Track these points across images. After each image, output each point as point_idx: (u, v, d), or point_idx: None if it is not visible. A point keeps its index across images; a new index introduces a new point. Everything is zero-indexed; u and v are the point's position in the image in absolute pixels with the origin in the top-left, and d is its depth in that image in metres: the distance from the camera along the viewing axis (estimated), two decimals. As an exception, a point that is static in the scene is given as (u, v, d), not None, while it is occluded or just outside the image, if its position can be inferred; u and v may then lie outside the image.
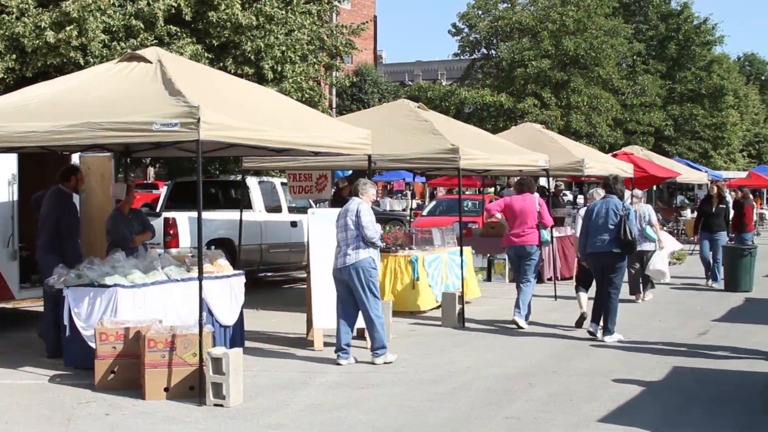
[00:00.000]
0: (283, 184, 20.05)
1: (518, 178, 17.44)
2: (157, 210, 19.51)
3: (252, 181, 19.50)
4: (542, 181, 23.84)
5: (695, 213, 25.12)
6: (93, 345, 10.32)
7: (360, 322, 12.15)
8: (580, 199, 34.56)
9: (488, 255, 21.55)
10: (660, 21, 54.98)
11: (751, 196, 23.84)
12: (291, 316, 15.38)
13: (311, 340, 12.89)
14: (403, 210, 43.28)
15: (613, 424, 8.93)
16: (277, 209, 20.04)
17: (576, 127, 41.34)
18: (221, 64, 20.61)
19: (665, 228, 24.65)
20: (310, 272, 13.13)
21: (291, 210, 20.38)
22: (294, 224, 20.11)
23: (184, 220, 17.31)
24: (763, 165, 60.56)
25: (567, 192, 29.24)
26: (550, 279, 19.71)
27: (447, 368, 11.55)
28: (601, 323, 13.74)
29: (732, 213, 23.10)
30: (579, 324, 14.68)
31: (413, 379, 10.87)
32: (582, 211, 15.40)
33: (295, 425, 8.87)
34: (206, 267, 11.31)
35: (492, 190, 35.70)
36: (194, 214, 10.58)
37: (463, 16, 45.31)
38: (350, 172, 24.10)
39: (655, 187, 35.06)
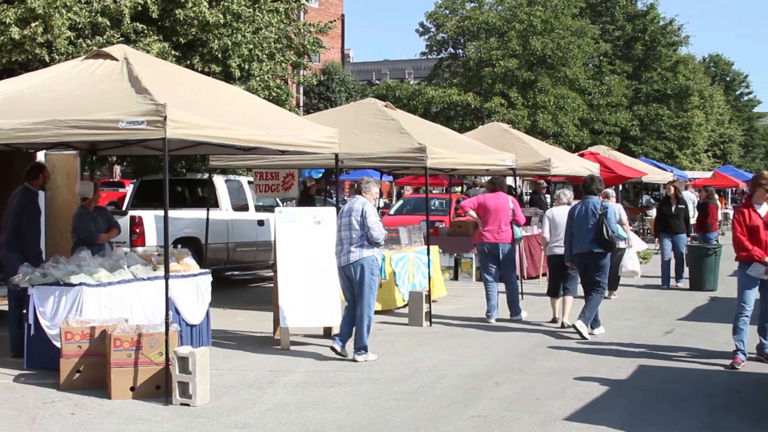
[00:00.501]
0: (249, 182, 19.99)
1: (490, 177, 17.68)
2: (124, 208, 19.40)
3: (219, 180, 19.44)
4: (509, 181, 23.90)
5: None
6: (58, 344, 10.26)
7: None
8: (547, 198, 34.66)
9: (455, 254, 21.59)
10: (626, 22, 55.26)
11: (716, 196, 23.89)
12: (258, 315, 15.36)
13: (278, 339, 12.88)
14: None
15: (579, 422, 8.97)
16: (244, 208, 19.98)
17: (543, 126, 41.49)
18: (188, 62, 20.51)
19: (632, 228, 24.79)
20: (277, 271, 13.10)
21: (258, 209, 20.33)
22: (261, 223, 20.06)
23: (150, 218, 17.22)
24: (728, 165, 61.11)
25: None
26: (517, 277, 19.74)
27: (414, 367, 11.56)
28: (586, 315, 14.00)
29: (695, 213, 23.28)
30: (553, 320, 15.23)
31: (380, 378, 10.88)
32: (549, 212, 15.56)
33: (261, 424, 8.86)
34: (172, 266, 11.28)
35: (459, 189, 35.78)
36: (161, 212, 10.56)
37: (430, 16, 45.35)
38: (319, 171, 24.10)
39: (621, 187, 35.24)
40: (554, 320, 15.19)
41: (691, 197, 29.29)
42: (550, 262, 15.37)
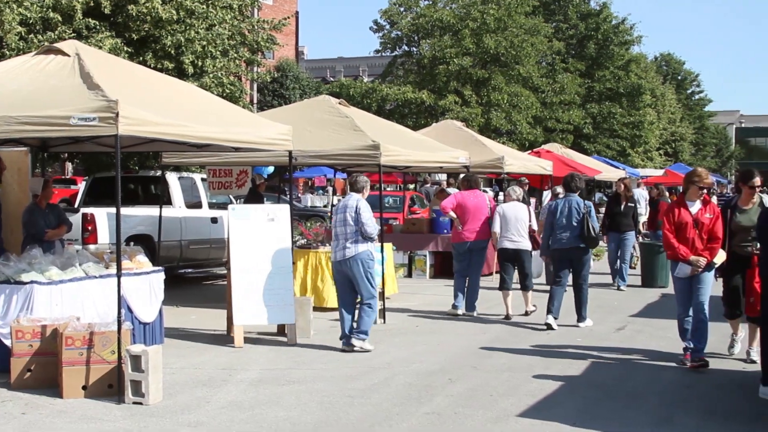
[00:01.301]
0: (203, 179, 19.89)
1: (463, 175, 17.97)
2: (76, 206, 19.25)
3: (171, 177, 19.32)
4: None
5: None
6: (8, 343, 10.17)
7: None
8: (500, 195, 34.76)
9: (409, 251, 21.63)
10: (579, 20, 55.60)
11: (666, 194, 24.01)
12: (211, 313, 15.31)
13: (232, 337, 12.83)
14: (325, 206, 43.12)
15: (532, 418, 9.02)
16: (197, 205, 19.88)
17: (496, 124, 41.65)
18: (141, 58, 20.40)
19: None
20: (231, 268, 13.07)
21: (211, 206, 20.24)
22: (214, 220, 19.97)
23: (102, 216, 17.09)
24: (679, 163, 61.60)
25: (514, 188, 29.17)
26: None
27: (367, 364, 11.57)
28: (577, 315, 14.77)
29: (647, 211, 23.36)
30: (506, 317, 15.47)
31: (334, 376, 10.87)
32: (500, 208, 15.75)
33: (215, 423, 8.82)
34: (125, 263, 11.21)
35: (413, 186, 35.79)
36: (113, 210, 10.47)
37: (384, 13, 45.35)
38: (271, 168, 24.02)
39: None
40: (507, 317, 15.40)
41: (643, 195, 29.45)
42: (501, 256, 15.71)
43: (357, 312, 12.69)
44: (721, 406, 9.69)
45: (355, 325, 12.55)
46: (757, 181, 11.48)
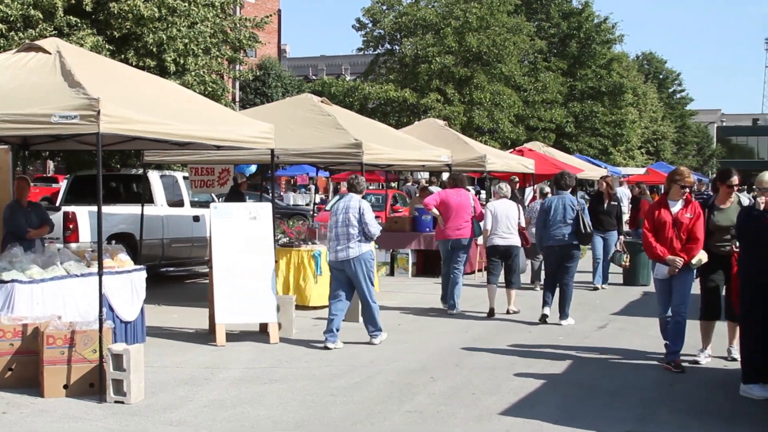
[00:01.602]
0: (185, 178, 19.85)
1: (450, 173, 18.08)
2: (57, 204, 19.18)
3: (153, 175, 19.26)
4: (445, 177, 23.96)
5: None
6: (-11, 341, 10.13)
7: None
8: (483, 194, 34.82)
9: (391, 250, 21.63)
10: (561, 19, 55.65)
11: (648, 192, 24.07)
12: (193, 312, 15.29)
13: (214, 336, 12.80)
14: (307, 204, 43.14)
15: (514, 416, 9.04)
16: (179, 203, 19.83)
17: (479, 122, 41.63)
18: (123, 56, 20.34)
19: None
20: (213, 267, 13.05)
21: (193, 204, 20.19)
22: (196, 219, 19.93)
23: (84, 214, 17.04)
24: (661, 162, 61.85)
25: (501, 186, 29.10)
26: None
27: (350, 362, 11.57)
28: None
29: (629, 209, 23.33)
30: (491, 315, 15.58)
31: (316, 374, 10.87)
32: (491, 205, 15.99)
33: (197, 421, 8.81)
34: (106, 262, 11.18)
35: (395, 184, 35.81)
36: (94, 208, 10.43)
37: (367, 11, 45.30)
38: (253, 166, 23.99)
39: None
40: (491, 312, 15.57)
41: (626, 193, 29.50)
42: (490, 253, 15.85)
43: (361, 310, 13.06)
44: (702, 403, 9.73)
45: (366, 324, 12.96)
46: (735, 180, 11.41)
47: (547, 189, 20.94)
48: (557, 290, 14.91)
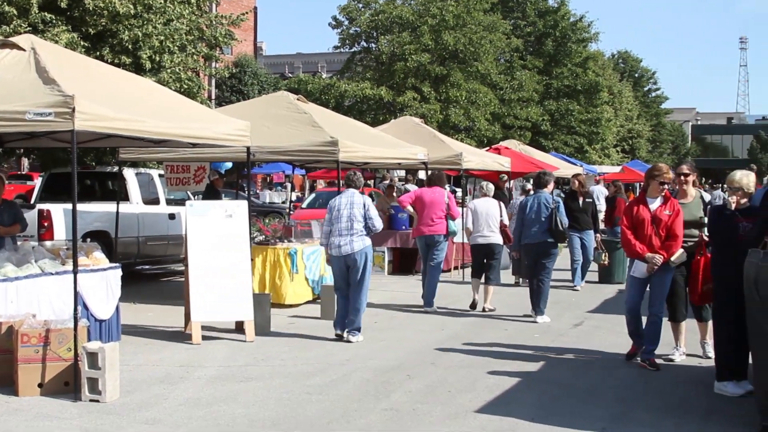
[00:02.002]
0: (160, 175, 19.80)
1: (430, 172, 18.16)
2: (32, 202, 19.09)
3: (129, 173, 19.20)
4: (421, 174, 24.02)
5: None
6: (-37, 340, 10.07)
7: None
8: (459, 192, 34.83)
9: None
10: (537, 18, 55.78)
11: (624, 190, 24.10)
12: (169, 310, 15.24)
13: (189, 334, 12.78)
14: (283, 202, 43.12)
15: (489, 414, 9.05)
16: (155, 201, 19.77)
17: (455, 120, 41.69)
18: (98, 53, 20.24)
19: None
20: (188, 265, 13.01)
21: (169, 202, 20.14)
22: (172, 216, 19.88)
23: (59, 212, 16.96)
24: (636, 160, 62.07)
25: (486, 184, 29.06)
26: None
27: (325, 361, 11.56)
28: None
29: (604, 207, 23.35)
30: (473, 307, 15.98)
31: (292, 372, 10.86)
32: (472, 204, 16.38)
33: (172, 420, 8.78)
34: (81, 260, 11.13)
35: (371, 182, 35.78)
36: (69, 206, 10.40)
37: (343, 9, 45.27)
38: (229, 164, 23.93)
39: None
40: (474, 304, 15.94)
41: (603, 191, 29.55)
42: (475, 250, 16.16)
43: (349, 306, 13.15)
44: (678, 401, 9.76)
45: (350, 322, 13.07)
46: (683, 168, 11.58)
47: (529, 186, 21.00)
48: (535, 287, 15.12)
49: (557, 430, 8.57)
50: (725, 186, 10.48)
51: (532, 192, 15.91)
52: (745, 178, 10.15)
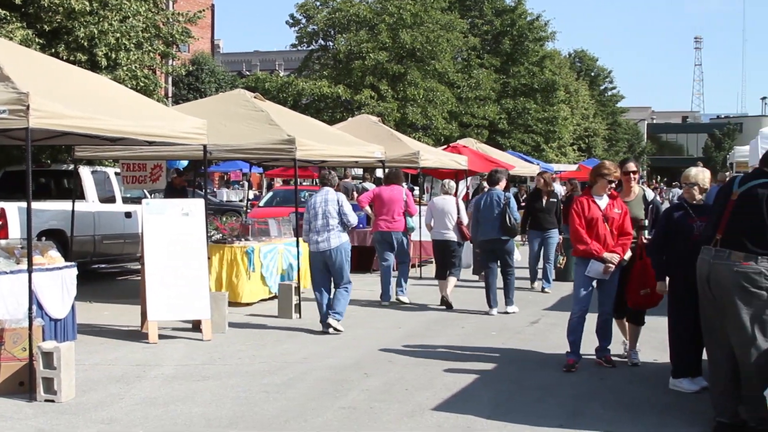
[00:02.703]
0: (116, 174, 19.68)
1: (388, 170, 18.52)
2: (-14, 200, 18.92)
3: (85, 171, 19.08)
4: (379, 173, 24.03)
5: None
6: None
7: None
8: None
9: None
10: (494, 17, 55.95)
11: (580, 189, 24.13)
12: (125, 309, 15.17)
13: (146, 333, 12.72)
14: (240, 201, 42.99)
15: (446, 411, 9.08)
16: (111, 200, 19.68)
17: (412, 119, 41.73)
18: (53, 50, 20.07)
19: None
20: (145, 264, 12.96)
21: (125, 200, 20.04)
22: (128, 215, 19.78)
23: (13, 210, 16.80)
24: (593, 158, 62.42)
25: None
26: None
27: (283, 359, 11.55)
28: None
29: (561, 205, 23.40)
30: (442, 303, 16.21)
31: (249, 371, 10.84)
32: (431, 201, 16.96)
33: (128, 419, 8.74)
34: (36, 259, 11.04)
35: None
36: (24, 204, 10.30)
37: (301, 7, 45.15)
38: (185, 162, 23.82)
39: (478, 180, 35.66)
40: (443, 301, 16.16)
41: (560, 190, 29.65)
42: (434, 247, 16.66)
43: (333, 294, 13.71)
44: (634, 397, 9.83)
45: (332, 306, 13.61)
46: (631, 166, 11.43)
47: (485, 184, 21.09)
48: (496, 282, 15.56)
49: (514, 427, 8.61)
50: (681, 182, 10.48)
51: (486, 189, 16.16)
52: (701, 173, 10.21)
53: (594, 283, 11.15)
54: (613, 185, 11.10)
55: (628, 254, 11.03)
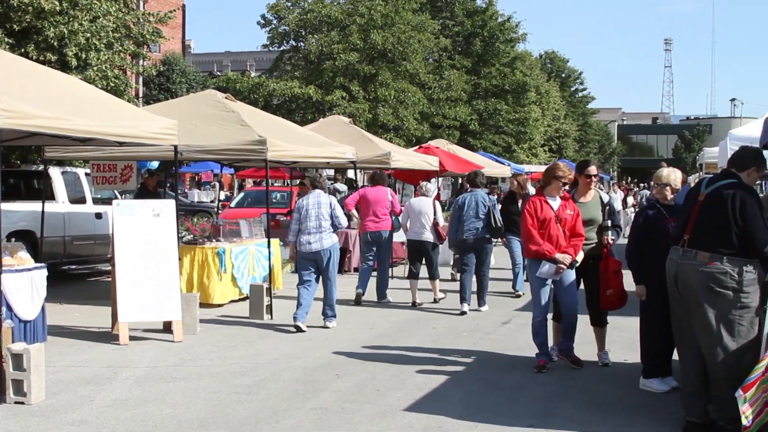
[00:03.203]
0: (87, 174, 19.60)
1: (371, 172, 18.93)
2: (-46, 201, 18.78)
3: (55, 172, 19.00)
4: (350, 174, 24.04)
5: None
6: None
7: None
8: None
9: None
10: (466, 18, 56.00)
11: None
12: (95, 310, 15.12)
13: (116, 334, 12.68)
14: (211, 201, 42.89)
15: (418, 412, 9.10)
16: (82, 200, 19.60)
17: (384, 120, 41.72)
18: (23, 49, 19.96)
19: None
20: (115, 265, 12.91)
21: (96, 201, 19.97)
22: (99, 216, 19.70)
23: (-18, 211, 16.70)
24: (563, 159, 62.61)
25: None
26: (357, 269, 19.95)
27: (254, 360, 11.54)
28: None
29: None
30: (413, 304, 16.52)
31: (220, 372, 10.83)
32: (408, 202, 17.04)
33: (99, 421, 8.71)
34: (6, 260, 10.99)
35: (299, 182, 35.60)
36: (-7, 205, 10.25)
37: (272, 8, 45.06)
38: (156, 163, 23.75)
39: (459, 180, 35.72)
40: (414, 303, 16.44)
41: (532, 191, 29.63)
42: (409, 247, 17.01)
43: (324, 294, 14.18)
44: (603, 397, 9.88)
45: (325, 312, 14.20)
46: (593, 170, 11.38)
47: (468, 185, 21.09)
48: (472, 280, 15.80)
49: (485, 427, 8.64)
50: (652, 183, 10.51)
51: (468, 190, 16.31)
52: (673, 174, 10.27)
53: (550, 283, 11.13)
54: (567, 187, 11.07)
55: (581, 255, 11.00)
